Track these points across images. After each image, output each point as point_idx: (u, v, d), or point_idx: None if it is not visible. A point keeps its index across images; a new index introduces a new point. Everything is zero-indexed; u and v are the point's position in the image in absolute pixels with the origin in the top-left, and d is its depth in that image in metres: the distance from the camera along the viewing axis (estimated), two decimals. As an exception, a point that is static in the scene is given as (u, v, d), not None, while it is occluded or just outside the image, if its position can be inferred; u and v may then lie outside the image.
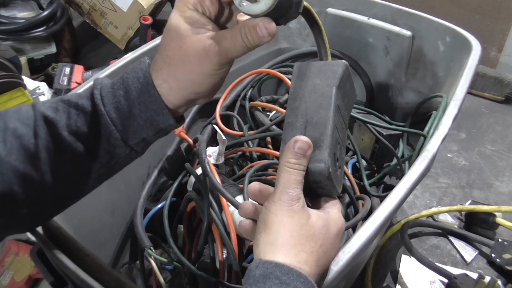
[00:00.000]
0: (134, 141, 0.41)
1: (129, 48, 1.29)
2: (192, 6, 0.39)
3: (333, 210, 0.40)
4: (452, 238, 0.83)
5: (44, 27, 1.20)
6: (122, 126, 0.40)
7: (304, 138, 0.38)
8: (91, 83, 0.42)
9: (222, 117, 0.81)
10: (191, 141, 0.73)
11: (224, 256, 0.58)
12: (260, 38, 0.37)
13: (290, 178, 0.37)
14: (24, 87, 0.95)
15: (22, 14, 1.22)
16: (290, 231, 0.36)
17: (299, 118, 0.40)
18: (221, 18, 0.41)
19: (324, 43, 0.44)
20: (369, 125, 0.78)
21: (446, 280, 0.73)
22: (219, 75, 0.40)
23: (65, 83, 1.11)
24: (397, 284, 0.76)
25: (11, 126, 0.39)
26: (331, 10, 0.89)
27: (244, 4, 0.37)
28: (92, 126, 0.40)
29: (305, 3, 0.39)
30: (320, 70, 0.41)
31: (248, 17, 0.39)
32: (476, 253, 0.80)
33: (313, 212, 0.38)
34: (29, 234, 0.47)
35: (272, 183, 0.42)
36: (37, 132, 0.39)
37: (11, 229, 0.42)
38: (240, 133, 0.78)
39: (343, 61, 0.42)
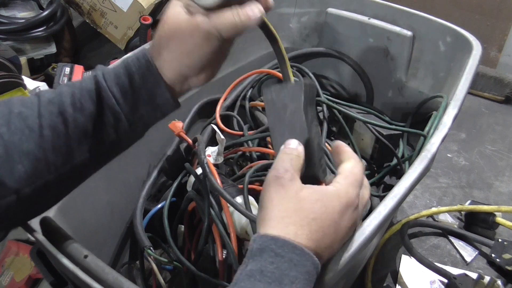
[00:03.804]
0: (134, 117, 0.44)
1: (129, 48, 1.29)
2: None
3: (336, 185, 0.39)
4: (452, 238, 0.83)
5: (44, 27, 1.20)
6: (123, 99, 0.43)
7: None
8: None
9: (222, 117, 0.81)
10: (190, 141, 0.73)
11: (224, 256, 0.58)
12: (250, 16, 0.40)
13: (281, 158, 0.40)
14: (24, 87, 0.95)
15: (22, 14, 1.22)
16: (277, 205, 0.37)
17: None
18: None
19: (285, 61, 0.45)
20: (369, 125, 0.78)
21: (446, 280, 0.73)
22: (208, 48, 0.42)
23: (65, 83, 1.10)
24: (397, 284, 0.76)
25: (16, 110, 0.42)
26: (331, 10, 0.89)
27: None
28: (95, 101, 0.43)
29: (264, 17, 0.41)
30: (286, 95, 0.42)
31: None
32: (476, 253, 0.80)
33: (307, 187, 0.39)
34: (29, 234, 0.47)
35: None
36: (41, 113, 0.41)
37: (10, 217, 0.42)
38: (240, 133, 0.78)
39: (302, 81, 0.44)
